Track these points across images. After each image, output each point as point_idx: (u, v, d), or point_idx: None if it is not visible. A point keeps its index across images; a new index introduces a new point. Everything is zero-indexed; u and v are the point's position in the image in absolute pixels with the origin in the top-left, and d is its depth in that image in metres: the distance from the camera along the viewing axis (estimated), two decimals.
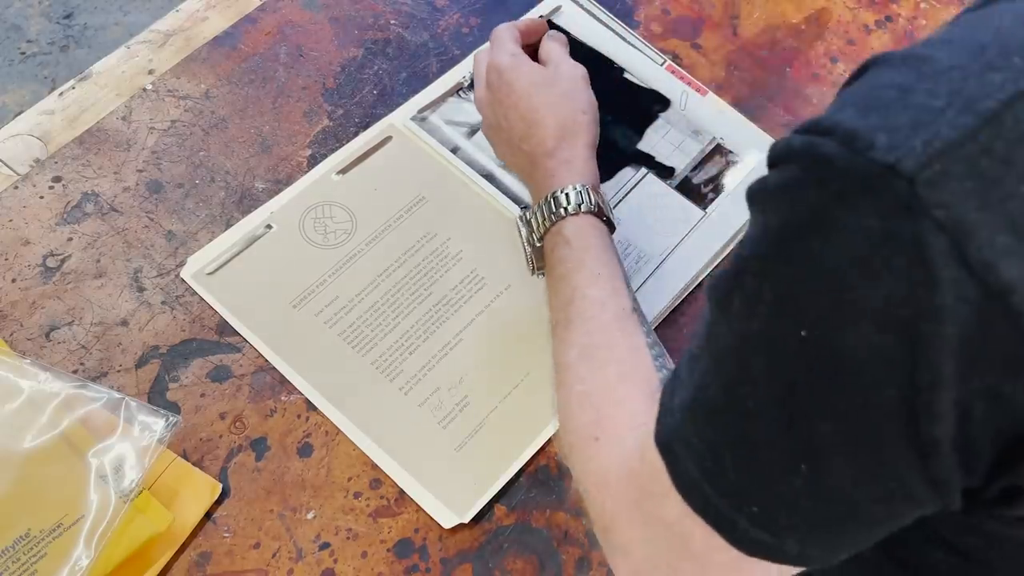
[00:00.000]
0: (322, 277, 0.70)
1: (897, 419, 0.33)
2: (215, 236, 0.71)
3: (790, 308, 0.35)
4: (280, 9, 0.85)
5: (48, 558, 0.55)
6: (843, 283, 0.33)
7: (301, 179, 0.74)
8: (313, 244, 0.71)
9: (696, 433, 0.40)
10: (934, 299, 0.31)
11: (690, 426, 0.40)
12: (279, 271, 0.70)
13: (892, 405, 0.33)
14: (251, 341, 0.67)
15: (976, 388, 0.32)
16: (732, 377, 0.38)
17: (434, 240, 0.73)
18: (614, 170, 0.78)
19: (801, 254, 0.34)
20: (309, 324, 0.68)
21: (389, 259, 0.71)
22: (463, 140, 0.78)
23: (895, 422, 0.33)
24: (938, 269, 0.31)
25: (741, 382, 0.38)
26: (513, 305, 0.71)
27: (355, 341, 0.68)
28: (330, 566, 0.60)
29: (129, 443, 0.60)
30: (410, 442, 0.64)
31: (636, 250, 0.74)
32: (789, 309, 0.35)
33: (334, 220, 0.73)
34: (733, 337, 0.38)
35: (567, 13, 0.86)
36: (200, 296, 0.69)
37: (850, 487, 0.36)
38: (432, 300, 0.70)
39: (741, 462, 0.38)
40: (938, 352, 0.31)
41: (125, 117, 0.77)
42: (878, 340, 0.32)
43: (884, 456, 0.35)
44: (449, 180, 0.76)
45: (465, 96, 0.81)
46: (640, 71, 0.84)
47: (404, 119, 0.79)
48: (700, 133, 0.81)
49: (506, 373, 0.68)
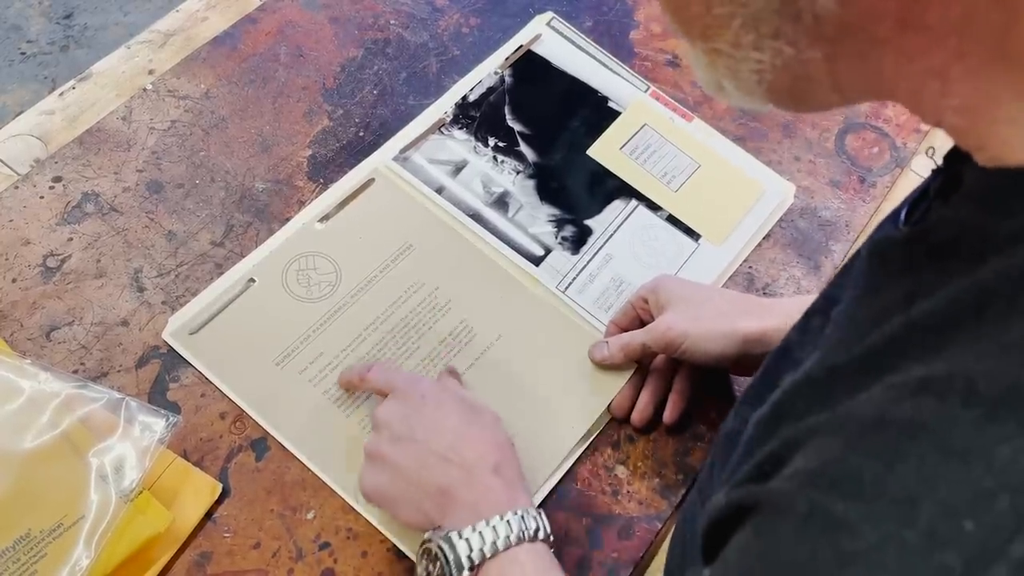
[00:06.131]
0: (306, 332, 0.67)
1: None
2: (214, 236, 0.71)
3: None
4: (280, 9, 0.85)
5: (48, 558, 0.55)
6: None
7: (282, 229, 0.72)
8: (296, 298, 0.69)
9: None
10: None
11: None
12: (262, 327, 0.67)
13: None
14: (236, 402, 0.65)
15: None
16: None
17: (422, 290, 0.70)
18: (604, 203, 0.77)
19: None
20: (293, 383, 0.65)
21: (376, 311, 0.69)
22: (448, 179, 0.76)
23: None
24: None
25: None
26: (503, 357, 0.68)
27: (340, 400, 0.65)
28: (330, 566, 0.60)
29: (129, 443, 0.59)
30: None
31: (628, 285, 0.73)
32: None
33: (318, 272, 0.70)
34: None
35: (547, 41, 0.86)
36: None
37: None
38: (420, 354, 0.68)
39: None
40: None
41: (125, 117, 0.77)
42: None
43: None
44: (435, 224, 0.74)
45: (447, 133, 0.78)
46: (623, 98, 0.83)
47: (386, 160, 0.76)
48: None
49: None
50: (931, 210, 0.37)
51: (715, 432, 0.68)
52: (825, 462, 0.31)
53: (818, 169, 0.83)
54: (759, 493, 0.33)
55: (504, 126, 0.80)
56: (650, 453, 0.67)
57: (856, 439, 0.30)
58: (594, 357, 0.69)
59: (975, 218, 0.33)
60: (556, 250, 0.74)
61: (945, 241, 0.34)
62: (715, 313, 0.65)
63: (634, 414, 0.67)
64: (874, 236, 0.42)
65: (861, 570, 0.27)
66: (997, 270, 0.31)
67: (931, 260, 0.35)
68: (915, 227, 0.37)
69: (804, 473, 0.31)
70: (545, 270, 0.73)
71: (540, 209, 0.76)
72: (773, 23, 0.32)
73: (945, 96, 0.32)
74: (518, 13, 0.88)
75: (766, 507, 0.32)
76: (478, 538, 0.52)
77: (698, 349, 0.63)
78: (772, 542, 0.31)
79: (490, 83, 0.82)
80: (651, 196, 0.78)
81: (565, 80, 0.84)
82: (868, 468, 0.29)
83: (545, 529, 0.54)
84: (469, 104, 0.81)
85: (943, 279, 0.33)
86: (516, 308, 0.71)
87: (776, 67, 0.34)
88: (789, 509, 0.30)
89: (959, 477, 0.27)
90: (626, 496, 0.65)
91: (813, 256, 0.78)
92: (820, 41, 0.33)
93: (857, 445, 0.30)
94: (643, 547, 0.63)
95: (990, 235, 0.31)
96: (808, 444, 0.33)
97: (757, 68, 0.35)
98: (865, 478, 0.29)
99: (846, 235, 0.80)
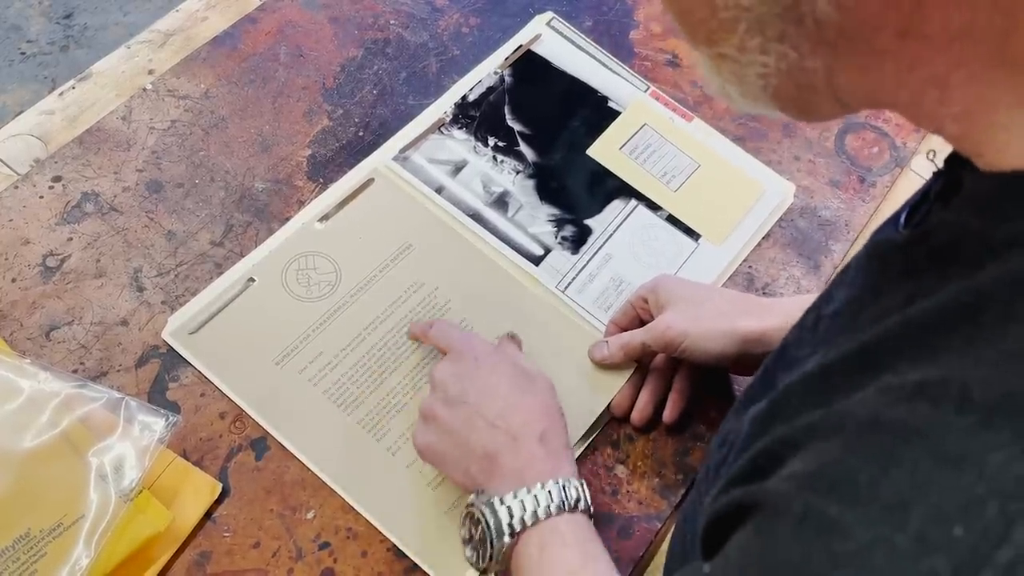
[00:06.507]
0: (306, 332, 0.67)
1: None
2: (214, 236, 0.71)
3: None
4: (280, 9, 0.85)
5: (48, 557, 0.55)
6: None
7: (282, 229, 0.72)
8: (296, 297, 0.69)
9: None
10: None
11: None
12: (262, 327, 0.67)
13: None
14: (236, 402, 0.65)
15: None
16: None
17: (422, 290, 0.70)
18: (604, 203, 0.77)
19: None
20: (293, 382, 0.65)
21: (375, 311, 0.69)
22: (447, 179, 0.76)
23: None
24: None
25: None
26: None
27: (340, 399, 0.65)
28: (330, 566, 0.60)
29: (129, 443, 0.60)
30: (398, 506, 0.62)
31: (628, 285, 0.73)
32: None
33: (317, 271, 0.70)
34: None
35: (547, 41, 0.86)
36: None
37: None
38: (420, 354, 0.67)
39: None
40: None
41: (125, 117, 0.77)
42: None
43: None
44: (435, 224, 0.74)
45: (447, 132, 0.78)
46: (623, 98, 0.83)
47: (386, 159, 0.76)
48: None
49: None
50: (931, 213, 0.38)
51: (715, 432, 0.68)
52: (823, 464, 0.31)
53: (818, 169, 0.83)
54: (758, 493, 0.33)
55: (504, 126, 0.80)
56: (650, 453, 0.67)
57: (852, 442, 0.31)
58: (594, 356, 0.69)
59: (974, 222, 0.33)
60: (556, 250, 0.74)
61: (945, 245, 0.34)
62: (715, 313, 0.65)
63: (634, 413, 0.67)
64: (874, 238, 0.43)
65: (851, 571, 0.27)
66: (994, 275, 0.31)
67: (931, 263, 0.35)
68: (915, 230, 0.38)
69: (802, 475, 0.32)
70: (545, 270, 0.73)
71: (540, 209, 0.76)
72: (777, 26, 0.33)
73: (944, 104, 0.32)
74: (518, 13, 0.88)
75: (766, 507, 0.32)
76: (519, 505, 0.53)
77: (698, 348, 0.63)
78: (770, 542, 0.31)
79: (490, 83, 0.82)
80: (651, 196, 0.78)
81: (565, 80, 0.84)
82: (863, 471, 0.29)
83: (586, 500, 0.55)
84: (469, 104, 0.81)
85: (942, 282, 0.33)
86: (516, 308, 0.71)
87: (781, 71, 0.34)
88: (787, 511, 0.31)
89: (951, 483, 0.27)
90: (625, 496, 0.65)
91: (813, 256, 0.78)
92: (822, 46, 0.33)
93: (853, 448, 0.30)
94: (642, 547, 0.63)
95: (988, 239, 0.32)
96: (807, 446, 0.33)
97: (762, 72, 0.35)
98: (860, 481, 0.29)
99: (846, 235, 0.80)
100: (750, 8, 0.32)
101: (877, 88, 0.34)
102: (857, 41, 0.32)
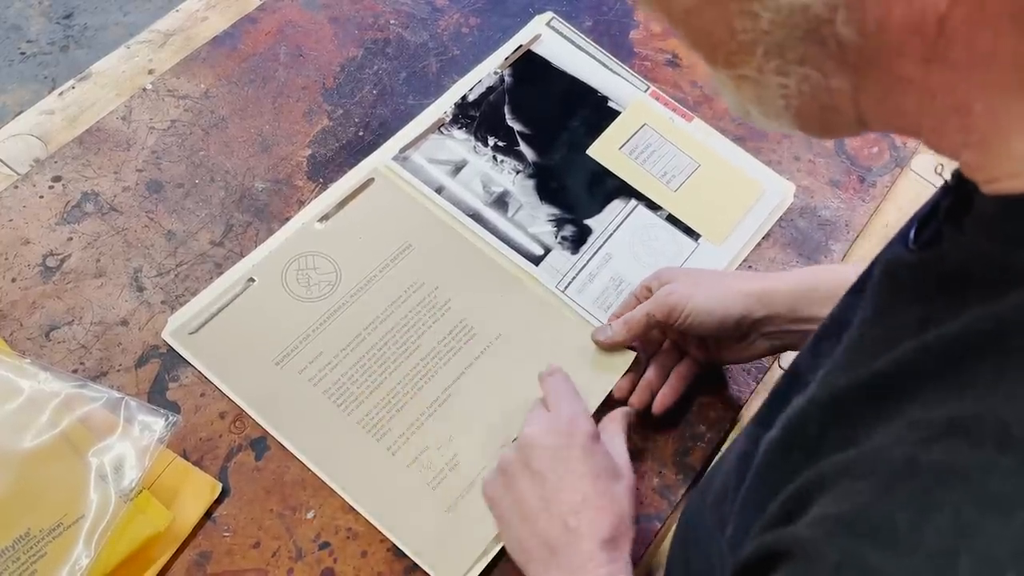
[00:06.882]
0: (306, 332, 0.67)
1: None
2: (214, 236, 0.71)
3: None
4: (280, 9, 0.85)
5: (48, 558, 0.55)
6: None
7: (282, 229, 0.72)
8: (296, 297, 0.69)
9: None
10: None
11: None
12: (262, 327, 0.67)
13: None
14: (236, 402, 0.65)
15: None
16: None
17: (421, 290, 0.70)
18: (603, 203, 0.77)
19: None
20: (293, 382, 0.65)
21: (375, 311, 0.69)
22: (447, 179, 0.76)
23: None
24: None
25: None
26: (503, 356, 0.68)
27: (340, 399, 0.65)
28: (330, 566, 0.60)
29: (129, 442, 0.59)
30: (399, 505, 0.62)
31: (628, 285, 0.73)
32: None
33: (317, 271, 0.70)
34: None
35: (547, 41, 0.86)
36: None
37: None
38: (420, 353, 0.67)
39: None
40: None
41: (125, 117, 0.77)
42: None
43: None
44: (435, 224, 0.74)
45: (447, 132, 0.78)
46: (623, 98, 0.83)
47: (386, 159, 0.76)
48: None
49: (497, 428, 0.65)
50: (942, 232, 0.37)
51: (715, 432, 0.68)
52: (855, 507, 0.30)
53: (818, 169, 0.83)
54: (788, 539, 0.32)
55: (504, 126, 0.80)
56: (650, 453, 0.67)
57: (886, 484, 0.30)
58: (597, 339, 0.69)
59: (988, 246, 0.32)
60: (556, 250, 0.74)
61: (959, 268, 0.34)
62: (716, 276, 0.67)
63: (633, 396, 0.67)
64: (885, 255, 0.42)
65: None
66: (1016, 303, 0.30)
67: (945, 287, 0.34)
68: (927, 250, 0.37)
69: (833, 519, 0.31)
70: (545, 270, 0.73)
71: (540, 209, 0.76)
72: (799, 49, 0.32)
73: (965, 131, 0.31)
74: (518, 13, 0.88)
75: (797, 555, 0.31)
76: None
77: (701, 311, 0.63)
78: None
79: (490, 83, 0.82)
80: (651, 196, 0.78)
81: (565, 80, 0.84)
82: (901, 516, 0.28)
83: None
84: (469, 104, 0.81)
85: (957, 308, 0.32)
86: (516, 308, 0.71)
87: (803, 92, 0.34)
88: (820, 558, 0.30)
89: (998, 528, 0.26)
90: None
91: (813, 256, 0.78)
92: (845, 68, 0.32)
93: (888, 491, 0.29)
94: (642, 547, 0.63)
95: (1007, 266, 0.31)
96: (834, 486, 0.32)
97: (783, 93, 0.34)
98: (899, 526, 0.28)
99: (846, 235, 0.80)
100: (769, 31, 0.32)
101: (900, 115, 0.33)
102: (879, 66, 0.31)
